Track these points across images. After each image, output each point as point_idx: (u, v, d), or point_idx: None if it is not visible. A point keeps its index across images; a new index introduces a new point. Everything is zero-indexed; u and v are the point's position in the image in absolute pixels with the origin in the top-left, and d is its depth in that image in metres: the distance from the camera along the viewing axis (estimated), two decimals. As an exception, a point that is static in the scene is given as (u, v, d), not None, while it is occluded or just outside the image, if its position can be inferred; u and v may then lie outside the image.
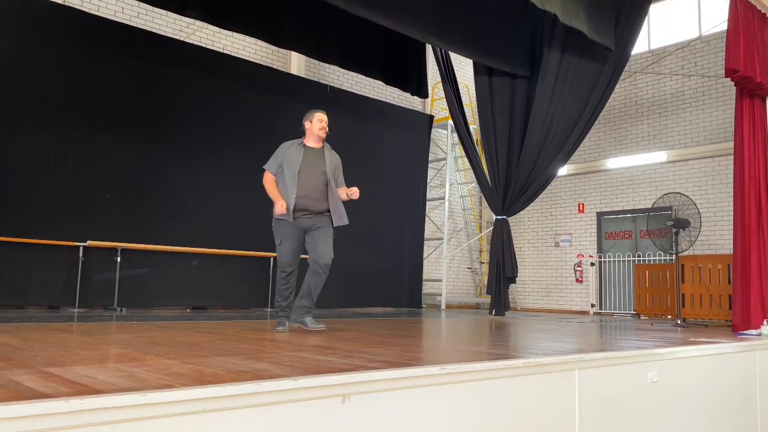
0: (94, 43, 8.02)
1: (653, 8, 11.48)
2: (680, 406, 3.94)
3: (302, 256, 5.02)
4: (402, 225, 11.42)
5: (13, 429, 1.57)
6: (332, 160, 5.04)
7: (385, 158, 11.10)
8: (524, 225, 13.74)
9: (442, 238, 12.57)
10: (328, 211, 4.92)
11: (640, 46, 11.93)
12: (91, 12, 8.39)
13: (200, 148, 8.89)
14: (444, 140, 13.21)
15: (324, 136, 5.01)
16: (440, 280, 12.31)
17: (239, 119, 9.32)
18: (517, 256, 9.33)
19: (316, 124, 4.98)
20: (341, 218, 5.00)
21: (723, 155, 10.73)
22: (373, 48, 9.36)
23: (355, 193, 4.94)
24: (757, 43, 6.22)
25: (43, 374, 2.21)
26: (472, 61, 9.15)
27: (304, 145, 4.99)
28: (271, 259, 9.37)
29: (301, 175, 4.82)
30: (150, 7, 8.86)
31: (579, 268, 12.71)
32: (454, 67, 9.69)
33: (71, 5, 8.28)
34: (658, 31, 12.39)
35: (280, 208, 4.69)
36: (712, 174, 11.10)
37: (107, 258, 7.92)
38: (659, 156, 11.79)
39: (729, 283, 8.21)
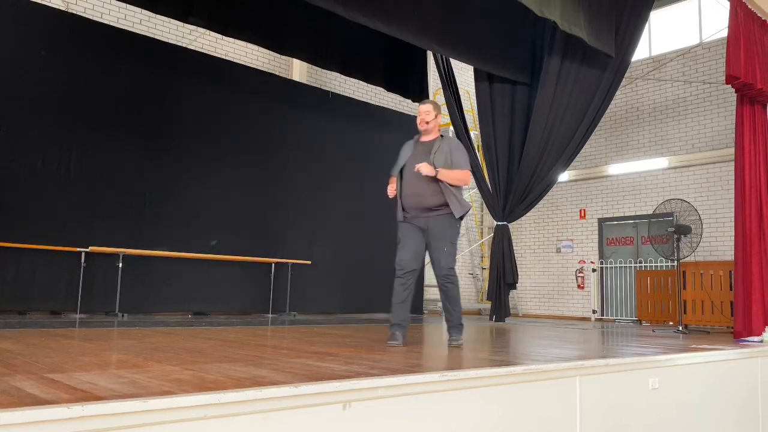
0: (97, 50, 8.06)
1: (654, 15, 11.51)
2: (682, 413, 3.93)
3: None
4: (403, 231, 11.40)
5: (14, 435, 1.57)
6: (443, 148, 4.52)
7: (387, 164, 11.08)
8: (526, 231, 13.73)
9: (443, 244, 12.55)
10: (442, 206, 4.40)
11: (641, 53, 11.96)
12: (94, 19, 8.43)
13: (202, 154, 8.91)
14: (445, 146, 13.21)
15: (424, 127, 4.60)
16: (441, 286, 12.28)
17: (241, 125, 9.35)
18: (518, 262, 9.32)
19: (418, 117, 4.68)
20: (456, 210, 4.43)
21: (724, 161, 10.73)
22: (374, 54, 9.39)
23: (423, 167, 4.35)
24: (757, 49, 6.24)
25: (44, 380, 2.21)
26: (472, 67, 9.18)
27: (417, 141, 4.73)
28: (273, 264, 9.38)
29: (405, 172, 4.60)
30: (153, 14, 8.90)
31: (580, 274, 12.70)
32: (455, 74, 9.72)
33: (74, 12, 8.32)
34: (659, 38, 12.42)
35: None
36: (714, 180, 11.10)
37: (109, 264, 7.93)
38: (660, 162, 11.80)
39: (731, 289, 8.20)
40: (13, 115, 7.39)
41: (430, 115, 4.56)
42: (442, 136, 4.66)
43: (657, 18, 12.28)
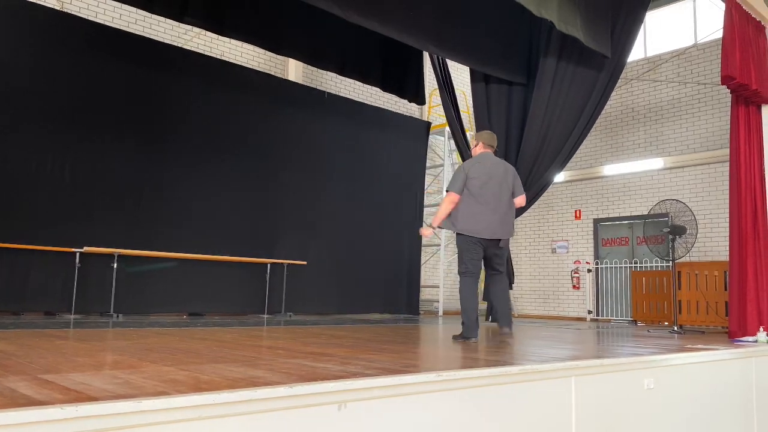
0: (93, 50, 8.03)
1: (649, 16, 11.54)
2: (677, 413, 3.94)
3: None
4: (400, 231, 11.42)
5: (7, 436, 1.56)
6: None
7: (383, 165, 11.11)
8: (521, 231, 13.75)
9: (439, 245, 12.58)
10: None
11: (636, 54, 11.99)
12: (90, 18, 8.41)
13: (198, 155, 8.90)
14: (441, 147, 13.24)
15: None
16: (437, 287, 12.31)
17: (237, 125, 9.34)
18: (514, 263, 9.32)
19: None
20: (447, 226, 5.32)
21: (719, 162, 10.77)
22: (370, 55, 9.38)
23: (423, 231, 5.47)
24: (752, 50, 6.26)
25: (38, 381, 2.20)
26: (469, 68, 9.19)
27: None
28: (268, 265, 9.37)
29: None
30: (148, 14, 8.88)
31: (576, 275, 12.72)
32: (452, 74, 9.71)
33: (69, 11, 8.30)
34: (654, 39, 12.46)
35: None
36: (709, 181, 11.13)
37: (104, 264, 7.90)
38: (656, 163, 11.83)
39: (726, 289, 8.21)
40: (7, 115, 7.36)
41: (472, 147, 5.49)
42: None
43: (652, 19, 12.31)
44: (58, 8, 8.23)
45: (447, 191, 5.14)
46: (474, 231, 4.98)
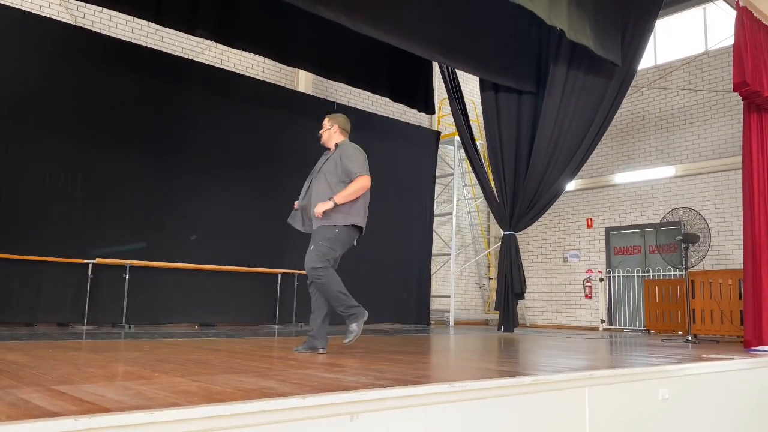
0: (105, 62, 8.12)
1: (659, 23, 11.51)
2: (692, 423, 3.89)
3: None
4: (410, 241, 11.41)
5: (21, 448, 1.57)
6: (333, 157, 4.65)
7: (393, 174, 11.12)
8: (532, 240, 13.69)
9: (449, 254, 12.54)
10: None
11: (646, 61, 11.95)
12: (102, 32, 8.50)
13: (208, 166, 8.95)
14: (451, 156, 13.24)
15: (321, 141, 4.98)
16: (448, 296, 12.26)
17: (247, 137, 9.39)
18: (525, 272, 9.27)
19: None
20: (303, 223, 4.69)
21: (731, 169, 10.69)
22: (379, 65, 9.42)
23: (317, 211, 4.39)
24: (764, 57, 6.22)
25: (51, 392, 2.21)
26: (478, 77, 9.20)
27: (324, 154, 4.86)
28: (279, 275, 9.38)
29: (311, 180, 4.74)
30: (160, 27, 8.97)
31: (588, 284, 12.63)
32: (461, 84, 9.74)
33: (82, 26, 8.40)
34: (664, 46, 12.42)
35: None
36: (721, 188, 11.04)
37: (116, 275, 7.95)
38: (667, 171, 11.76)
39: (740, 298, 8.13)
40: (21, 129, 7.44)
41: (323, 129, 4.93)
42: (337, 145, 4.80)
43: (662, 26, 12.28)
44: (71, 22, 8.33)
45: (359, 175, 4.49)
46: (362, 224, 4.47)
